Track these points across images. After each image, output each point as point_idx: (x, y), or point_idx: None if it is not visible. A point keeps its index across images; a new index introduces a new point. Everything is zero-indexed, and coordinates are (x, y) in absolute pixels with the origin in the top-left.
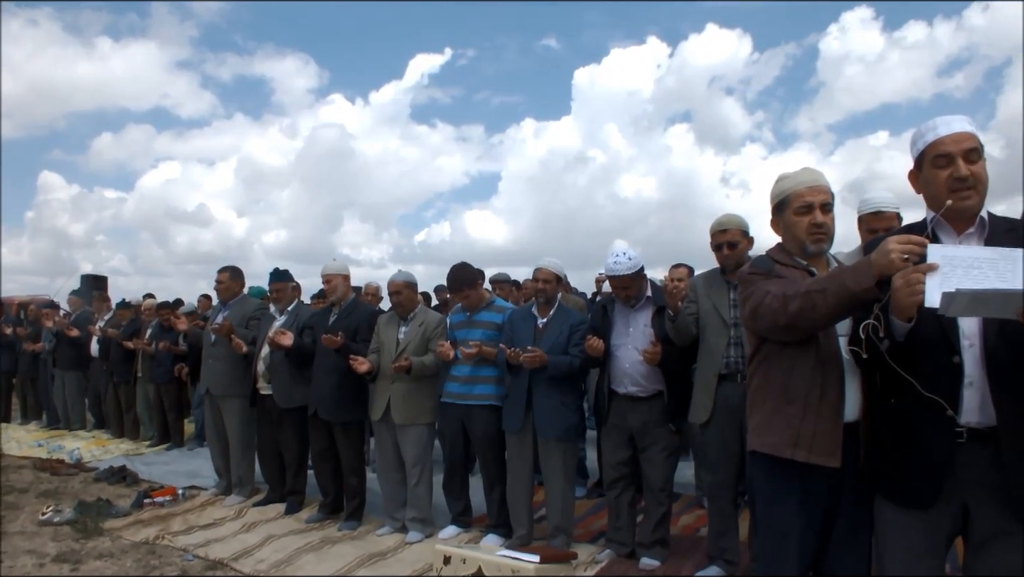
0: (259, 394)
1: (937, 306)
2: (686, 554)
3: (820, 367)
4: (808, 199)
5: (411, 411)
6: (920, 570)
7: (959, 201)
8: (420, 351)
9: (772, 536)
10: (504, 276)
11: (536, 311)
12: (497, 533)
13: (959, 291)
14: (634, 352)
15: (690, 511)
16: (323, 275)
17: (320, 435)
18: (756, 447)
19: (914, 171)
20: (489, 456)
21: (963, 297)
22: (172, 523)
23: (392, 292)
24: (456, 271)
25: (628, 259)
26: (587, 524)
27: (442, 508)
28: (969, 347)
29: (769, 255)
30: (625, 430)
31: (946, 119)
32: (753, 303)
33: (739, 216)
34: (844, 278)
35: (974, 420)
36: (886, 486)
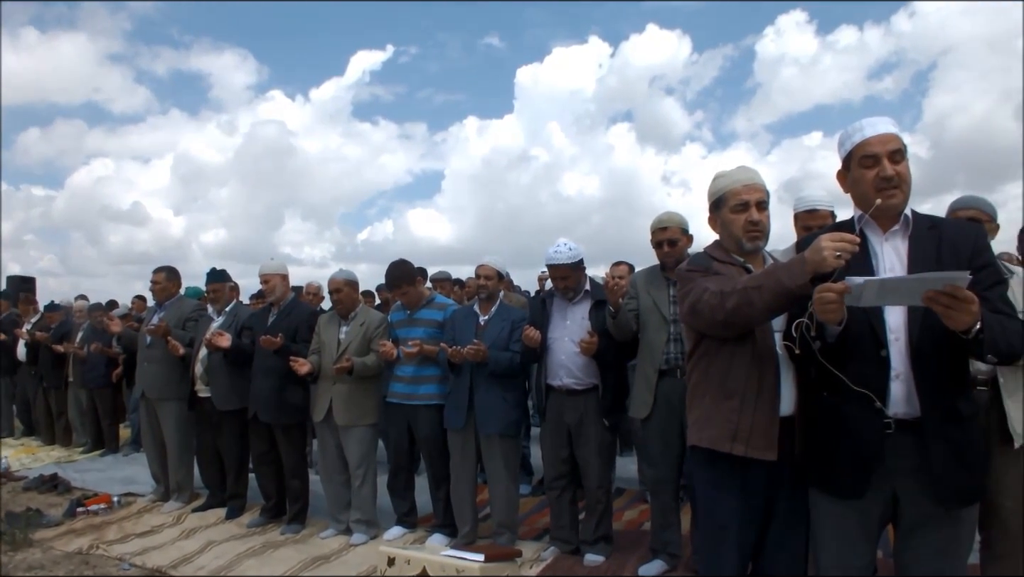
0: (197, 397)
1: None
2: (630, 549)
3: (757, 363)
4: (744, 197)
5: (354, 412)
6: (854, 556)
7: (886, 200)
8: (362, 351)
9: (712, 529)
10: (445, 275)
11: (478, 308)
12: (443, 532)
13: (867, 280)
14: (570, 344)
15: (634, 506)
16: (261, 275)
17: (261, 438)
18: (695, 442)
19: (842, 171)
20: (434, 455)
21: (872, 286)
22: (107, 532)
23: (332, 291)
24: (394, 268)
25: (569, 249)
26: (532, 521)
27: (387, 509)
28: (895, 341)
29: (707, 252)
30: (563, 427)
31: (872, 121)
32: (692, 300)
33: (679, 214)
34: (780, 275)
35: (901, 411)
36: (820, 477)
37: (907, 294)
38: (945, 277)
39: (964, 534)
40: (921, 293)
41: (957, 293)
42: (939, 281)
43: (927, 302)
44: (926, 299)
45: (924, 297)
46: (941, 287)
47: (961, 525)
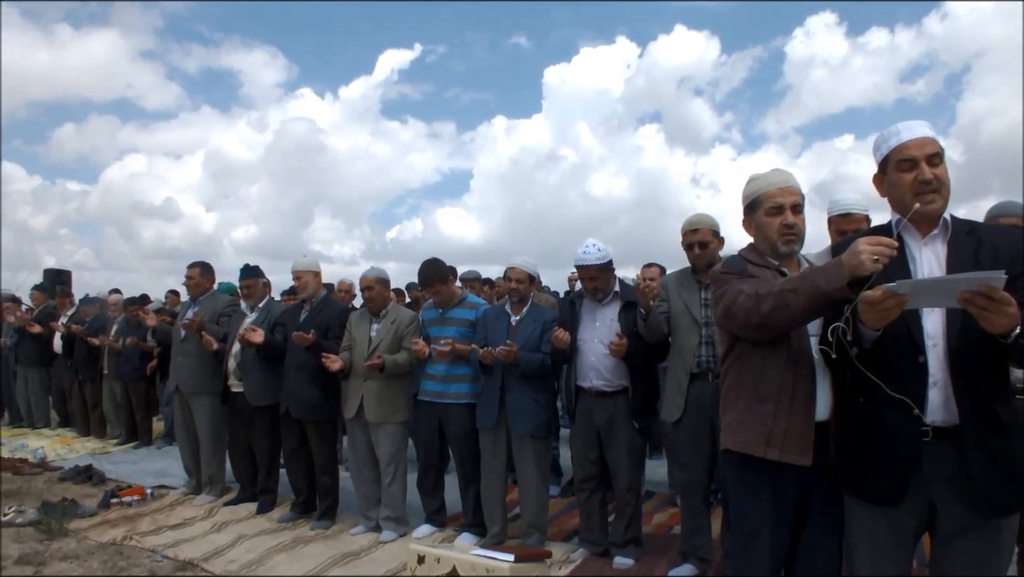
0: (230, 392)
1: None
2: (660, 552)
3: (792, 366)
4: (779, 200)
5: (384, 409)
6: (888, 566)
7: (924, 204)
8: (393, 349)
9: (744, 534)
10: (474, 274)
11: (509, 309)
12: (471, 532)
13: (900, 283)
14: (600, 346)
15: (663, 509)
16: (293, 272)
17: (292, 433)
18: (729, 445)
19: (878, 175)
20: (465, 454)
21: (905, 287)
22: (140, 523)
23: (364, 288)
24: (427, 266)
25: (597, 250)
26: (561, 522)
27: (416, 507)
28: (933, 347)
29: (741, 255)
30: (592, 428)
31: (908, 124)
32: (726, 302)
33: (710, 216)
34: (816, 278)
35: (939, 419)
36: (855, 484)
37: (942, 295)
38: (980, 277)
39: (1004, 545)
40: (956, 294)
41: (993, 294)
42: (974, 281)
43: (963, 303)
44: (962, 300)
45: (960, 298)
46: (976, 287)
47: (1000, 535)
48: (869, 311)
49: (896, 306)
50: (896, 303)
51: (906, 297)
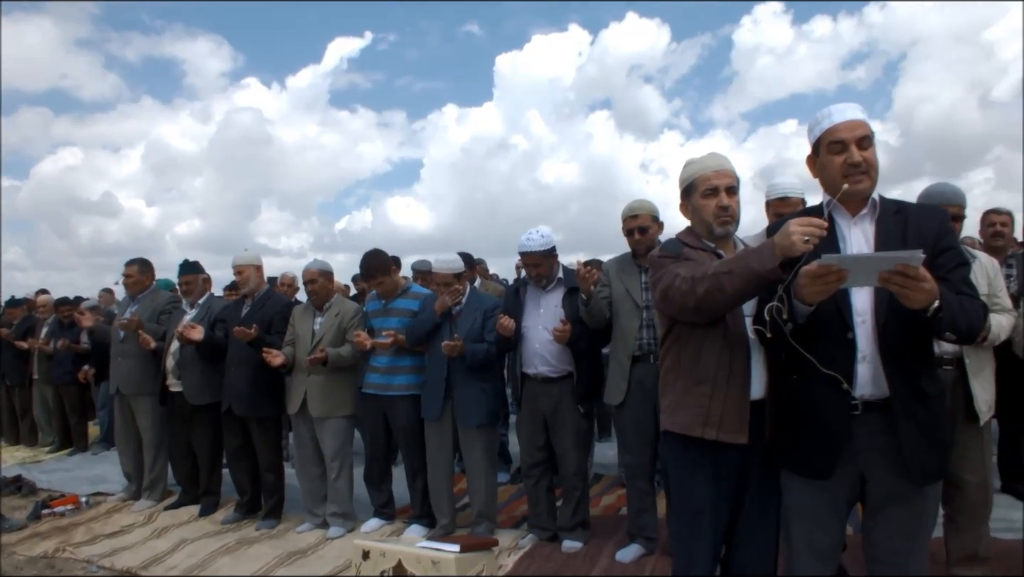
0: (169, 391)
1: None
2: (608, 534)
3: (728, 348)
4: (714, 182)
5: (329, 403)
6: (823, 535)
7: (853, 185)
8: (337, 342)
9: (686, 513)
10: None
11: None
12: (421, 524)
13: (826, 257)
14: (544, 332)
15: (612, 491)
16: (234, 266)
17: (234, 432)
18: (668, 427)
19: (811, 156)
20: (411, 446)
21: (833, 261)
22: (74, 534)
23: (307, 281)
24: (369, 257)
25: (541, 236)
26: (511, 509)
27: (364, 501)
28: (861, 323)
29: (679, 238)
30: (538, 414)
31: (840, 107)
32: (663, 286)
33: (650, 202)
34: (750, 260)
35: (868, 392)
36: (790, 459)
37: (865, 274)
38: (900, 256)
39: (929, 510)
40: (878, 273)
41: (909, 271)
42: (894, 260)
43: (883, 283)
44: (882, 280)
45: (880, 278)
46: (893, 266)
47: (926, 501)
48: (809, 285)
49: (836, 280)
50: (836, 278)
51: (845, 272)
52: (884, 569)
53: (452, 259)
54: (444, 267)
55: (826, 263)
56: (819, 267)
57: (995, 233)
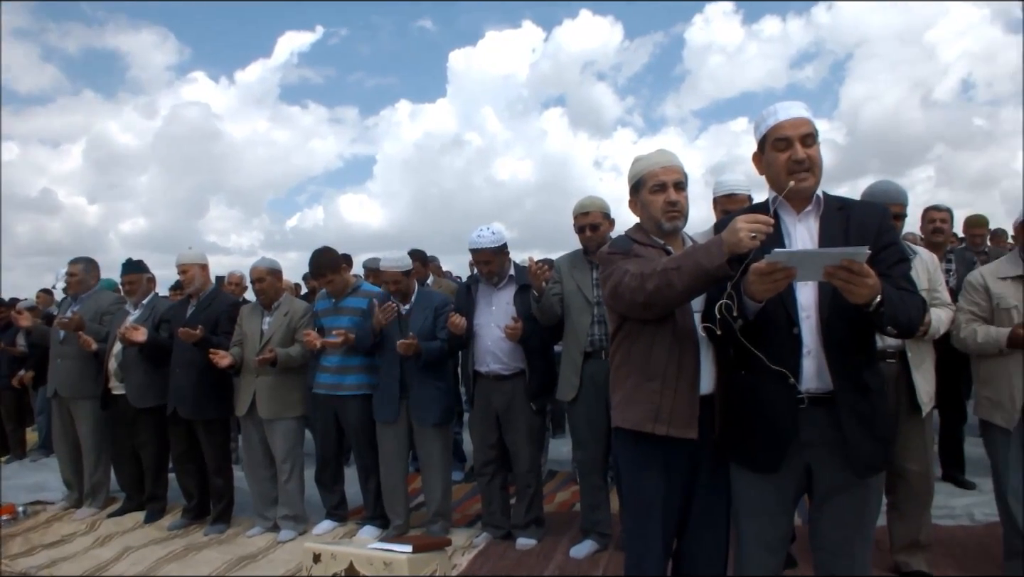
0: (111, 394)
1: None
2: (562, 531)
3: (677, 343)
4: (662, 178)
5: (279, 404)
6: (772, 526)
7: (798, 182)
8: (286, 342)
9: (638, 508)
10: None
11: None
12: (374, 525)
13: (775, 252)
14: (496, 330)
15: (566, 487)
16: (178, 265)
17: (180, 435)
18: (619, 423)
19: (757, 154)
20: (363, 446)
21: (779, 257)
22: (11, 545)
23: (254, 280)
24: (318, 256)
25: (492, 233)
26: (465, 508)
27: (316, 503)
28: (806, 319)
29: (628, 235)
30: (491, 412)
31: (785, 105)
32: (613, 282)
33: (601, 199)
34: (698, 256)
35: (813, 386)
36: (739, 453)
37: (811, 269)
38: (846, 252)
39: (872, 499)
40: (823, 268)
41: (852, 267)
42: (839, 255)
43: (827, 277)
44: (826, 274)
45: (824, 273)
46: (839, 261)
47: (869, 491)
48: (759, 282)
49: (785, 277)
50: (785, 275)
51: (794, 269)
52: (830, 557)
53: (400, 257)
54: (392, 265)
55: (775, 259)
56: (768, 264)
57: (935, 230)
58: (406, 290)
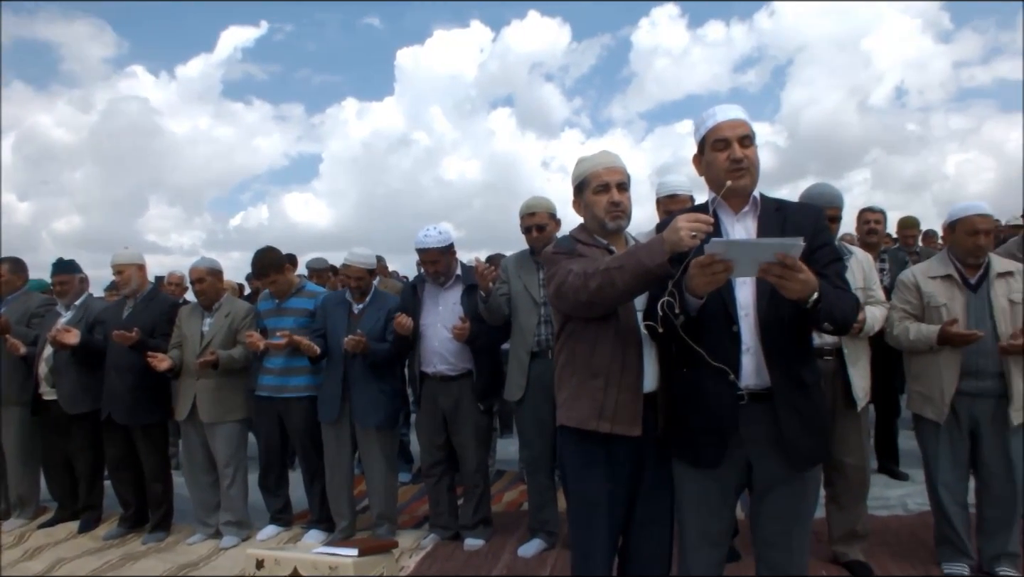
0: (42, 400)
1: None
2: (510, 530)
3: (620, 341)
4: (605, 179)
5: (220, 408)
6: (715, 521)
7: (736, 180)
8: (227, 344)
9: (583, 506)
10: (322, 263)
11: (350, 297)
12: (319, 528)
13: (714, 241)
14: (443, 330)
15: (514, 487)
16: (113, 265)
17: (116, 441)
18: (564, 421)
19: (697, 155)
20: (308, 449)
21: (718, 247)
22: None
23: (194, 280)
24: (260, 255)
25: (438, 233)
26: (413, 509)
27: (260, 508)
28: (745, 317)
29: (572, 235)
30: (438, 413)
31: (723, 107)
32: (557, 282)
33: (547, 199)
34: (640, 255)
35: (752, 383)
36: (681, 449)
37: (748, 263)
38: (783, 243)
39: (810, 492)
40: (758, 264)
41: (786, 261)
42: (777, 247)
43: (762, 275)
44: (761, 271)
45: (760, 269)
46: (773, 255)
47: (806, 485)
48: (699, 276)
49: (723, 271)
50: (723, 268)
51: (731, 263)
52: (770, 549)
53: (367, 254)
54: (357, 260)
55: (713, 249)
56: (707, 256)
57: (870, 231)
58: (366, 288)
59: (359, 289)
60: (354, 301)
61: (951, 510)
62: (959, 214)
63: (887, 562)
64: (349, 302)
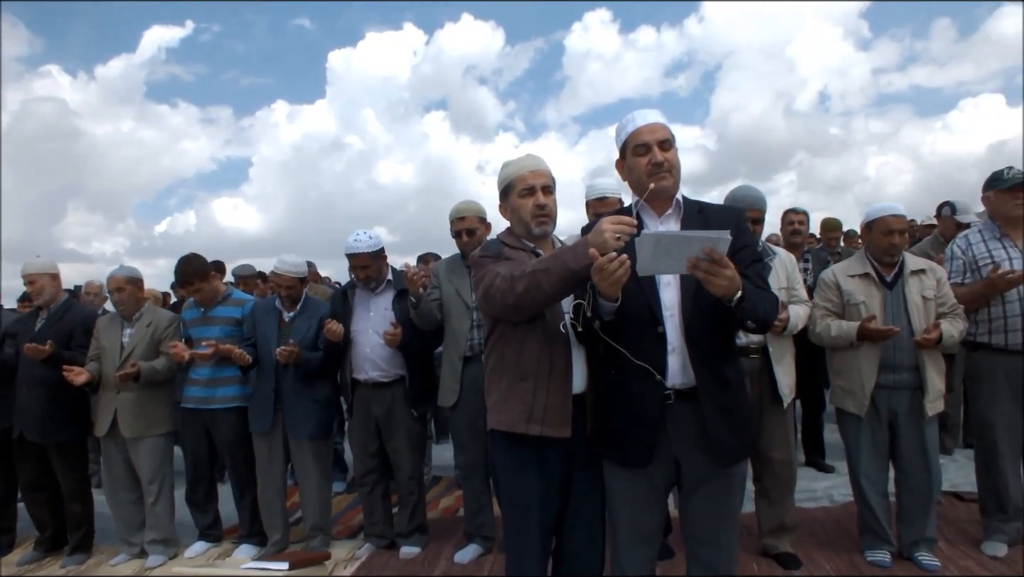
0: None
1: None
2: (446, 536)
3: (548, 344)
4: (530, 182)
5: (143, 422)
6: (646, 519)
7: (658, 183)
8: (149, 355)
9: (515, 508)
10: (249, 269)
11: (280, 305)
12: (251, 543)
13: (644, 234)
14: (375, 336)
15: (450, 493)
16: (24, 275)
17: (29, 461)
18: (494, 425)
19: (619, 160)
20: (238, 461)
21: (647, 240)
22: None
23: (112, 290)
24: (184, 263)
25: (369, 237)
26: (347, 520)
27: (188, 524)
28: (670, 317)
29: (499, 239)
30: (371, 420)
31: (643, 112)
32: (484, 285)
33: (476, 203)
34: (565, 258)
35: (678, 382)
36: (611, 450)
37: (675, 259)
38: (707, 235)
39: (736, 488)
40: (686, 259)
41: (714, 256)
42: (702, 239)
43: (691, 269)
44: (690, 266)
45: (688, 264)
46: (701, 250)
47: (733, 480)
48: (601, 280)
49: (622, 270)
50: (620, 264)
51: (627, 259)
52: (699, 545)
53: (298, 262)
54: (287, 269)
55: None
56: (601, 259)
57: (794, 232)
58: (296, 297)
59: (289, 297)
60: (284, 309)
61: (872, 500)
62: (875, 215)
63: (814, 552)
64: (279, 310)
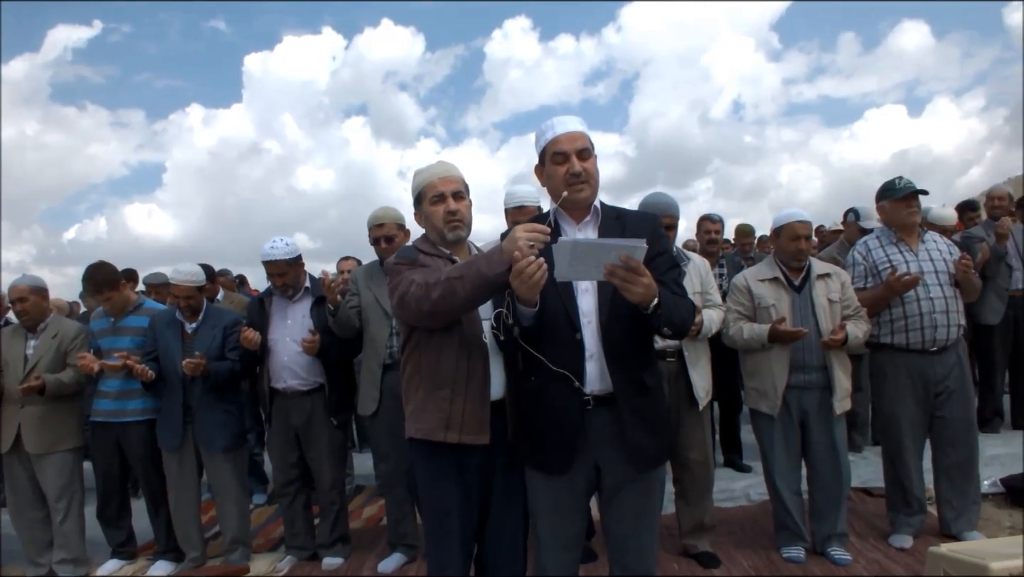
0: None
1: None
2: (369, 546)
3: (465, 351)
4: (440, 188)
5: (49, 437)
6: (568, 524)
7: (574, 193)
8: (55, 367)
9: (435, 516)
10: (161, 278)
11: (181, 316)
12: (167, 559)
13: (562, 241)
14: (293, 344)
15: (374, 502)
16: None
17: None
18: (412, 433)
19: (539, 166)
20: (151, 475)
21: (565, 246)
22: None
23: (14, 300)
24: (92, 271)
25: (285, 244)
26: (268, 532)
27: (99, 542)
28: (587, 324)
29: (415, 245)
30: (290, 430)
31: (562, 119)
32: (400, 292)
33: (395, 209)
34: (479, 265)
35: (597, 388)
36: (531, 456)
37: (593, 266)
38: (624, 244)
39: (655, 491)
40: (603, 266)
41: (631, 263)
42: (618, 247)
43: (607, 276)
44: (607, 273)
45: (605, 271)
46: (618, 257)
47: (651, 484)
48: (520, 284)
49: (540, 273)
50: (538, 267)
51: (544, 262)
52: (620, 548)
53: (193, 271)
54: (184, 279)
55: (559, 250)
56: (520, 264)
57: (710, 240)
58: (197, 307)
59: (189, 307)
60: (185, 320)
61: (786, 497)
62: (782, 221)
63: (732, 551)
64: (180, 321)
